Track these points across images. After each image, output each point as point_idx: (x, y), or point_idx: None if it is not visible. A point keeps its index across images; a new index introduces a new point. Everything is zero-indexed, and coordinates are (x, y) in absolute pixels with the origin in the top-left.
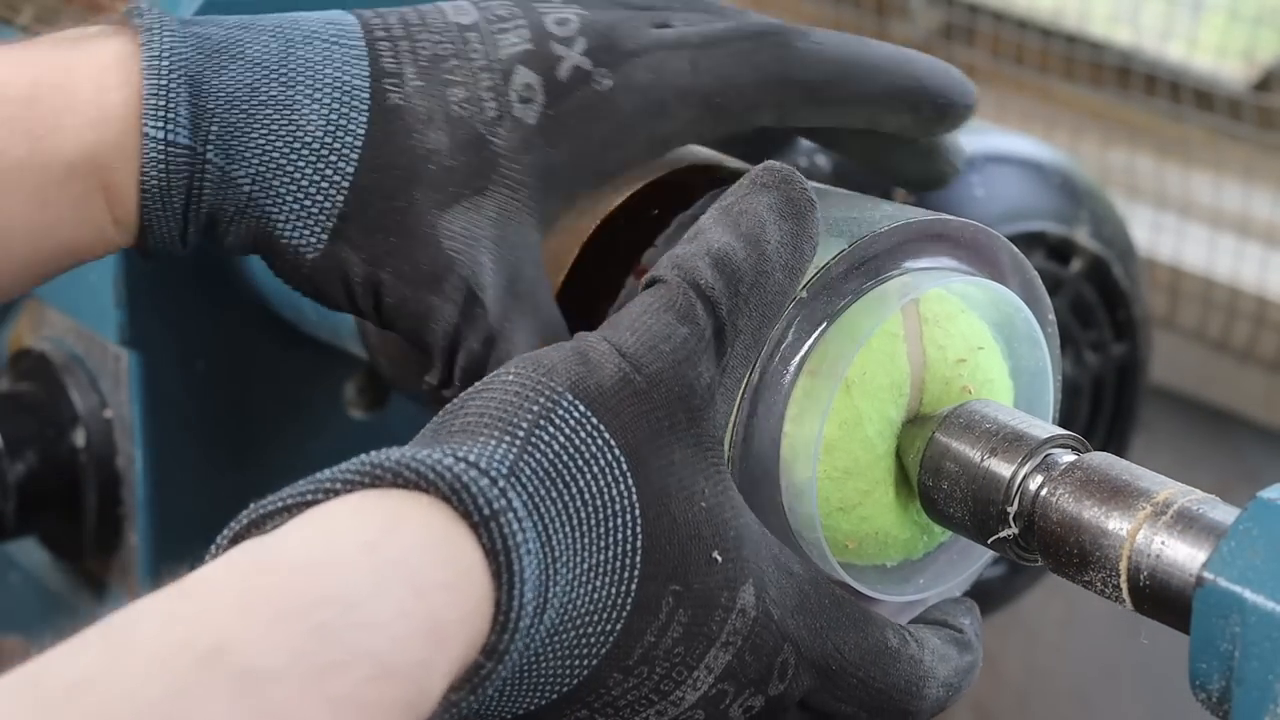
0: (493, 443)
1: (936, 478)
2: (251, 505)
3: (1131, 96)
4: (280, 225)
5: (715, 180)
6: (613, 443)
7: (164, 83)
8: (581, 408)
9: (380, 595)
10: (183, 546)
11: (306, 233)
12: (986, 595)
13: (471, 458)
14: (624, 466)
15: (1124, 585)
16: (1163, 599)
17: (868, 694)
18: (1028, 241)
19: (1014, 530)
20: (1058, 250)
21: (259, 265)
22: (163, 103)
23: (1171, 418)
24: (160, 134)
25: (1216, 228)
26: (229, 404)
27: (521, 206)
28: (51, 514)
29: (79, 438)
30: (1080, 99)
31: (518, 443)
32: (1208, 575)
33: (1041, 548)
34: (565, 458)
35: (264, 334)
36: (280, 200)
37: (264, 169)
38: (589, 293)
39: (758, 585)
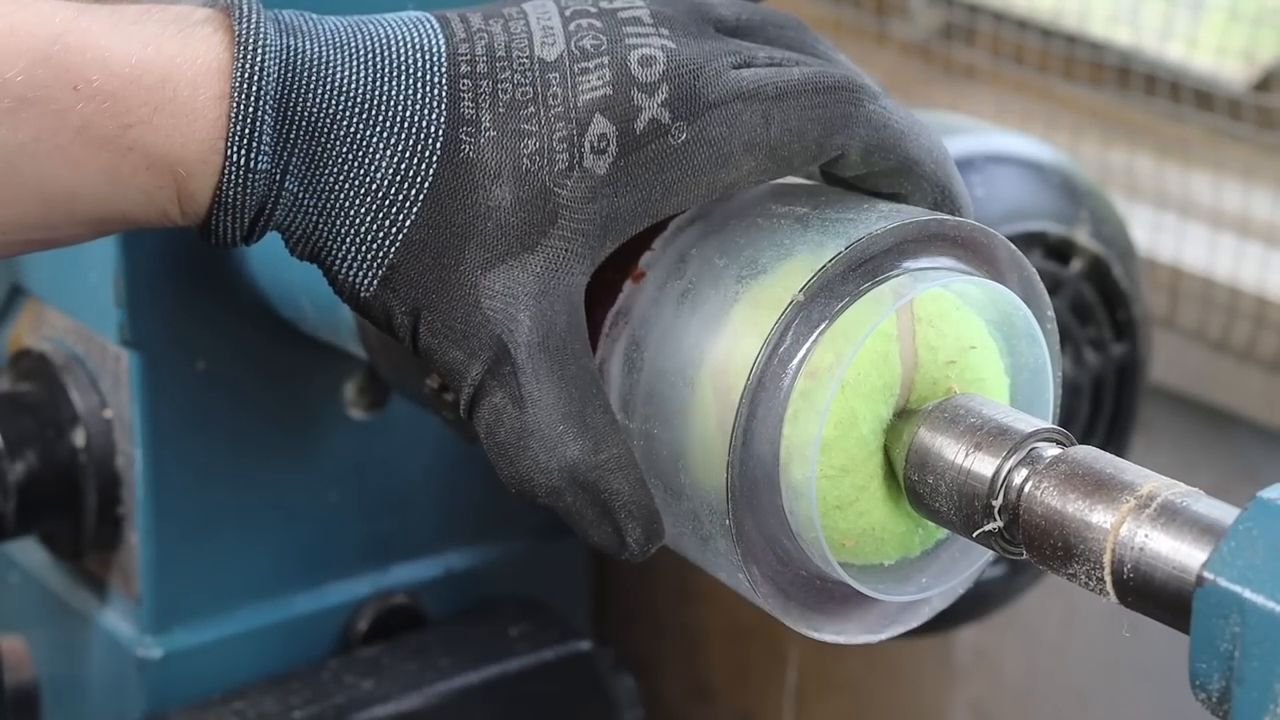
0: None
1: (922, 472)
2: None
3: (1131, 96)
4: (337, 262)
5: None
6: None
7: (252, 107)
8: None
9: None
10: (183, 546)
11: (359, 274)
12: (986, 595)
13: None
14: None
15: (1108, 578)
16: (1147, 592)
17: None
18: (1028, 241)
19: (999, 524)
20: (1058, 250)
21: (259, 265)
22: (248, 129)
23: (1171, 418)
24: (243, 160)
25: (1216, 228)
26: (229, 404)
27: (573, 254)
28: (51, 514)
29: (79, 438)
30: (1080, 99)
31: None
32: (1208, 575)
33: (1026, 541)
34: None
35: (264, 334)
36: (340, 239)
37: (330, 205)
38: (587, 296)
39: None
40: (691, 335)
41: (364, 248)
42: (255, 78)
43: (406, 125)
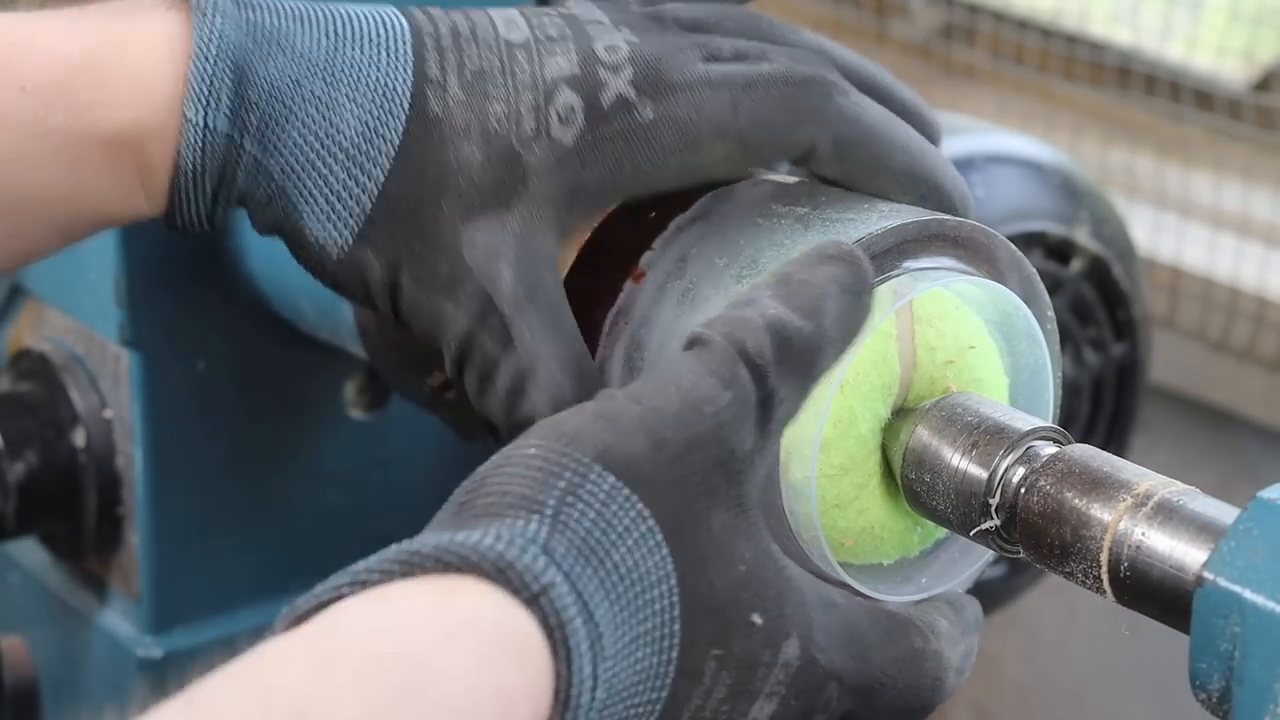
0: (520, 522)
1: (919, 470)
2: (288, 606)
3: (1131, 96)
4: (308, 222)
5: (713, 184)
6: (646, 513)
7: (209, 67)
8: (611, 479)
9: (449, 655)
10: (183, 546)
11: (334, 232)
12: (986, 595)
13: (506, 537)
14: (659, 536)
15: (1105, 576)
16: (1143, 590)
17: (898, 698)
18: (1028, 241)
19: (996, 522)
20: (1058, 250)
21: (259, 265)
22: (206, 87)
23: (1171, 418)
24: (200, 118)
25: (1216, 228)
26: (229, 404)
27: (544, 220)
28: (51, 514)
29: (79, 438)
30: (1080, 99)
31: (546, 521)
32: (1208, 575)
33: (1023, 539)
34: (598, 533)
35: (264, 334)
36: (310, 198)
37: (297, 165)
38: (586, 296)
39: (802, 636)
40: None
41: (337, 203)
42: (215, 37)
43: (372, 86)
